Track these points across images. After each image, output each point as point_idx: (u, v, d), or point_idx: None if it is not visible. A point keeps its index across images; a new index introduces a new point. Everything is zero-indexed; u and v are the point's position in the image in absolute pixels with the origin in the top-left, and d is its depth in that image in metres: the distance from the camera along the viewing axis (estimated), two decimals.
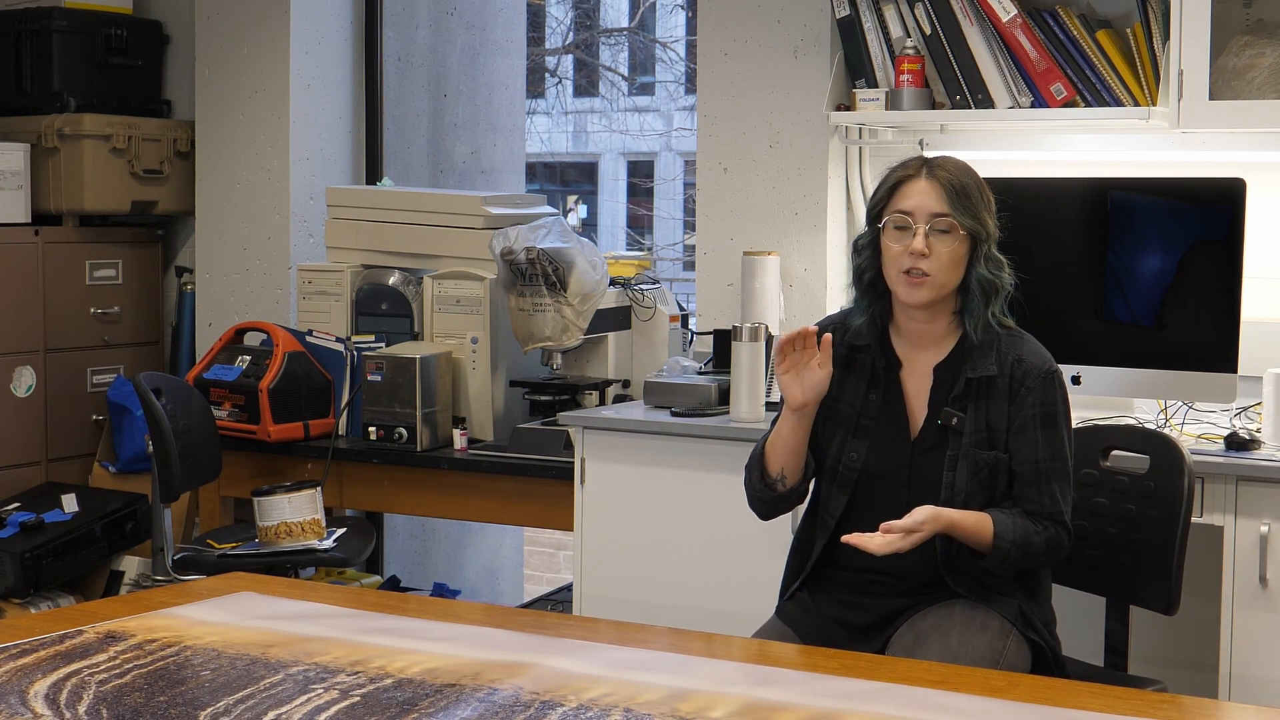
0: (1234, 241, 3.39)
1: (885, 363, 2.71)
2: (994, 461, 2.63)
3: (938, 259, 2.61)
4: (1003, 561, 2.59)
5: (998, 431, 2.64)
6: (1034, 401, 2.63)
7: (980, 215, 2.64)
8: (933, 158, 2.70)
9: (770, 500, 2.74)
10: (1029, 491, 2.63)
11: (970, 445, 2.63)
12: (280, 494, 4.00)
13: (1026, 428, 2.63)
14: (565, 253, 4.22)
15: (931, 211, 2.62)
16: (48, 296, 4.91)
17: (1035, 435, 2.62)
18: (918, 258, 2.61)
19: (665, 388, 3.83)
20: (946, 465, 2.64)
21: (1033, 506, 2.62)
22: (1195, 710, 2.24)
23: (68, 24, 4.96)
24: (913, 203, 2.64)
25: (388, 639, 2.38)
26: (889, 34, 3.86)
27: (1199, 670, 3.40)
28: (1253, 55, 3.45)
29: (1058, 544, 2.63)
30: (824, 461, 2.72)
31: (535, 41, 12.01)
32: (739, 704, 2.09)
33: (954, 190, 2.63)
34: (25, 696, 2.09)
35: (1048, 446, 2.63)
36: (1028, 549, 2.59)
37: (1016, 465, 2.63)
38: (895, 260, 2.64)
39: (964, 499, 2.62)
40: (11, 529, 4.59)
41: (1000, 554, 2.58)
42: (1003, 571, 2.62)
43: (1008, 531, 2.58)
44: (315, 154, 5.01)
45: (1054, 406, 2.64)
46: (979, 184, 2.68)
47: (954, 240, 2.62)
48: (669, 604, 3.63)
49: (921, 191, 2.64)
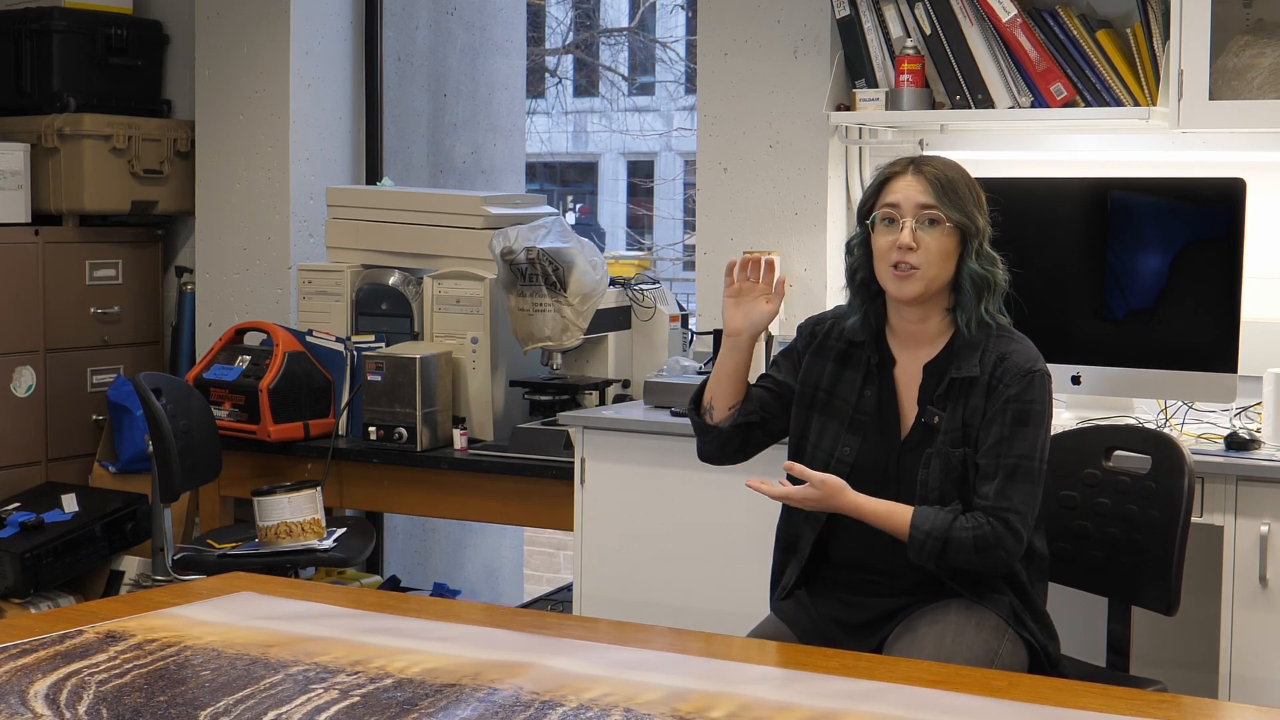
0: (1234, 241, 3.39)
1: (879, 359, 2.72)
2: (964, 459, 2.62)
3: (925, 251, 2.62)
4: (920, 552, 2.56)
5: (972, 429, 2.63)
6: (1009, 396, 2.60)
7: (968, 210, 2.65)
8: (921, 156, 2.72)
9: (698, 430, 2.82)
10: (981, 484, 2.59)
11: (944, 443, 2.63)
12: (280, 494, 4.00)
13: (995, 421, 2.61)
14: (565, 253, 4.22)
15: (917, 204, 2.63)
16: (48, 296, 4.91)
17: (1002, 430, 2.60)
18: (905, 251, 2.61)
19: (665, 388, 3.83)
20: (922, 463, 2.64)
21: (980, 500, 2.58)
22: (1195, 710, 2.24)
23: (68, 24, 4.96)
24: (899, 196, 2.65)
25: (388, 639, 2.38)
26: (889, 34, 3.86)
27: (1199, 670, 3.40)
28: (1253, 55, 3.45)
29: (992, 544, 2.55)
30: (813, 452, 2.72)
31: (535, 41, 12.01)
32: (739, 704, 2.09)
33: (940, 184, 2.64)
34: (25, 696, 2.09)
35: (1012, 443, 2.59)
36: (949, 542, 2.54)
37: (979, 457, 2.61)
38: (884, 255, 2.65)
39: (938, 496, 2.61)
40: (11, 529, 4.59)
41: (916, 544, 2.56)
42: (927, 564, 2.58)
43: (924, 522, 2.55)
44: (315, 154, 5.01)
45: (1029, 404, 2.61)
46: (968, 180, 2.69)
47: (941, 233, 2.62)
48: (669, 604, 3.63)
49: (908, 185, 2.65)
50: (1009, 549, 2.57)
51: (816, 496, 2.61)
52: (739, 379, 2.76)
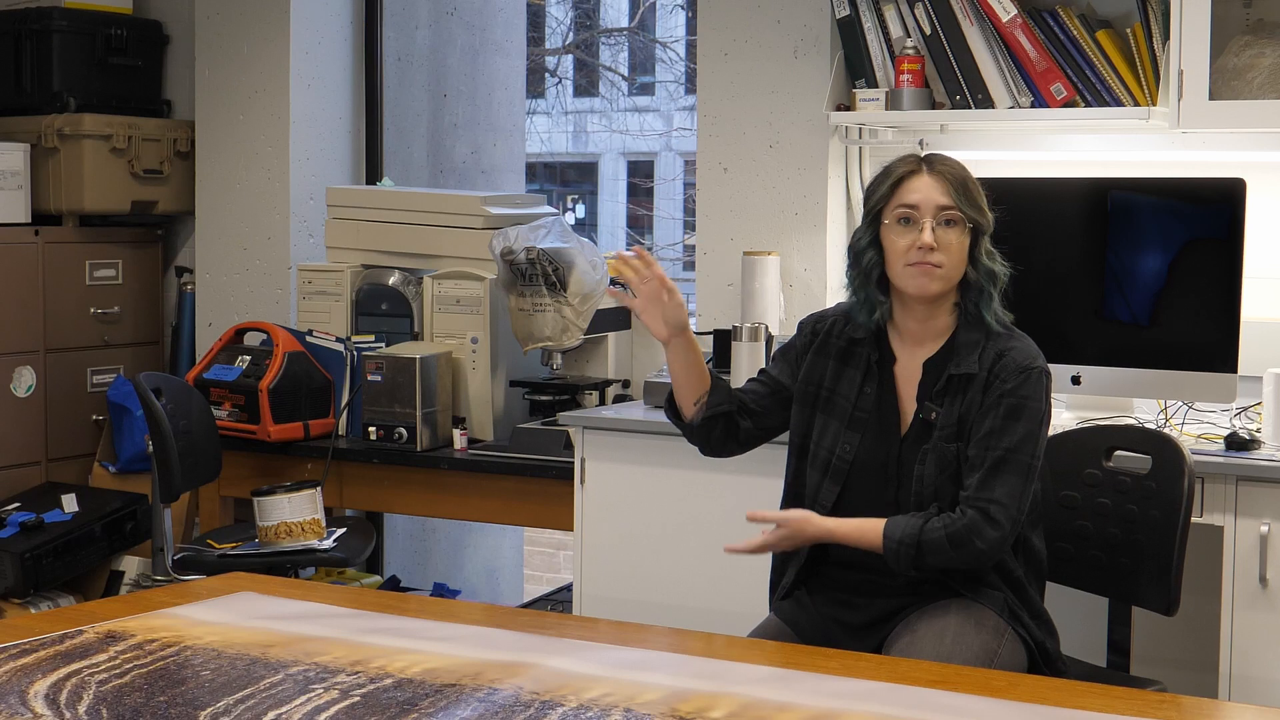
0: (1234, 241, 3.39)
1: (880, 356, 2.72)
2: (958, 453, 2.62)
3: (947, 251, 2.63)
4: (898, 561, 2.57)
5: (967, 424, 2.64)
6: (1004, 391, 2.61)
7: (981, 207, 2.68)
8: (929, 155, 2.72)
9: (678, 428, 2.88)
10: (967, 475, 2.60)
11: (940, 439, 2.63)
12: (280, 494, 4.00)
13: (988, 414, 2.61)
14: (565, 253, 4.22)
15: (938, 204, 2.64)
16: (48, 296, 4.91)
17: (994, 422, 2.60)
18: (927, 251, 2.62)
19: (665, 388, 3.79)
20: (919, 459, 2.64)
21: (963, 492, 2.59)
22: (1195, 710, 2.24)
23: (68, 24, 4.96)
24: (918, 197, 2.65)
25: (388, 639, 2.38)
26: (889, 34, 3.86)
27: (1199, 670, 3.40)
28: (1253, 55, 3.45)
29: (967, 537, 2.54)
30: (815, 451, 2.72)
31: (535, 41, 12.01)
32: (739, 704, 2.09)
33: (957, 183, 2.66)
34: (25, 696, 2.09)
35: (1002, 435, 2.59)
36: (922, 545, 2.55)
37: (969, 449, 2.61)
38: (901, 255, 2.65)
39: (933, 492, 2.62)
40: (11, 529, 4.59)
41: (891, 554, 2.57)
42: (908, 572, 2.58)
43: (895, 531, 2.57)
44: (315, 154, 5.01)
45: (1023, 399, 2.61)
46: (973, 179, 2.72)
47: (959, 232, 2.65)
48: (669, 604, 3.63)
49: (927, 186, 2.66)
50: (987, 539, 2.55)
51: (787, 534, 2.64)
52: (693, 375, 2.83)
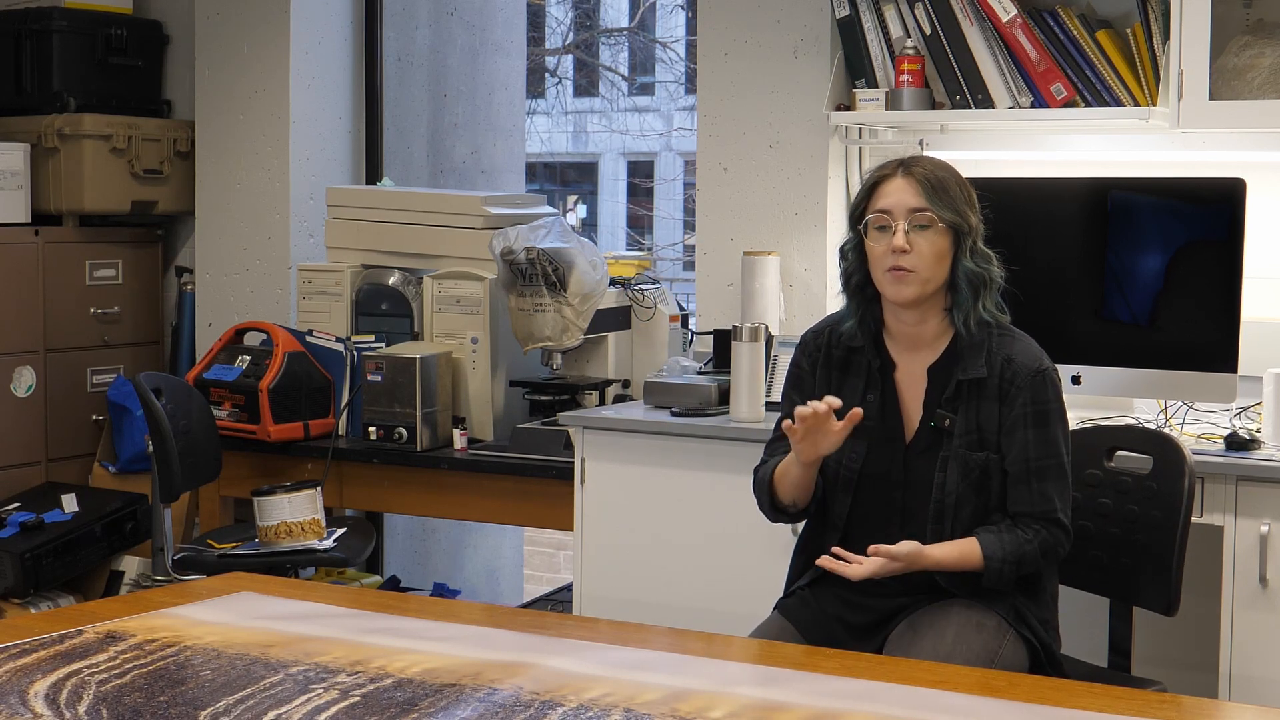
0: (1234, 241, 3.39)
1: (880, 364, 2.72)
2: (984, 463, 2.63)
3: (919, 254, 2.62)
4: (999, 579, 2.60)
5: (988, 433, 2.64)
6: (1024, 401, 2.63)
7: (960, 209, 2.65)
8: (910, 157, 2.71)
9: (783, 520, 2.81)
10: (1020, 491, 2.63)
11: (960, 447, 2.64)
12: (280, 494, 4.00)
13: (1017, 428, 2.63)
14: (565, 253, 4.22)
15: (909, 207, 2.63)
16: (48, 296, 4.91)
17: (1026, 435, 2.62)
18: (899, 255, 2.61)
19: (665, 388, 3.83)
20: (938, 467, 2.64)
21: (1024, 507, 2.62)
22: (1195, 710, 2.24)
23: (68, 24, 4.96)
24: (890, 200, 2.65)
25: (388, 639, 2.38)
26: (889, 34, 3.86)
27: (1199, 670, 3.40)
28: (1253, 55, 3.45)
29: (1053, 546, 2.63)
30: (826, 464, 2.72)
31: (535, 41, 12.01)
32: (739, 704, 2.09)
33: (930, 185, 2.64)
34: (25, 696, 2.09)
35: (1039, 445, 2.62)
36: (1022, 560, 2.60)
37: (1008, 465, 2.64)
38: (879, 260, 2.65)
39: (955, 500, 2.62)
40: (11, 529, 4.59)
41: (994, 573, 2.60)
42: (1004, 588, 2.62)
43: (996, 551, 2.59)
44: (315, 154, 5.01)
45: (1045, 405, 2.64)
46: (958, 180, 2.69)
47: (935, 235, 2.62)
48: (669, 604, 3.63)
49: (898, 189, 2.65)
50: (1065, 545, 2.66)
51: (899, 568, 2.59)
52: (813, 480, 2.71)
